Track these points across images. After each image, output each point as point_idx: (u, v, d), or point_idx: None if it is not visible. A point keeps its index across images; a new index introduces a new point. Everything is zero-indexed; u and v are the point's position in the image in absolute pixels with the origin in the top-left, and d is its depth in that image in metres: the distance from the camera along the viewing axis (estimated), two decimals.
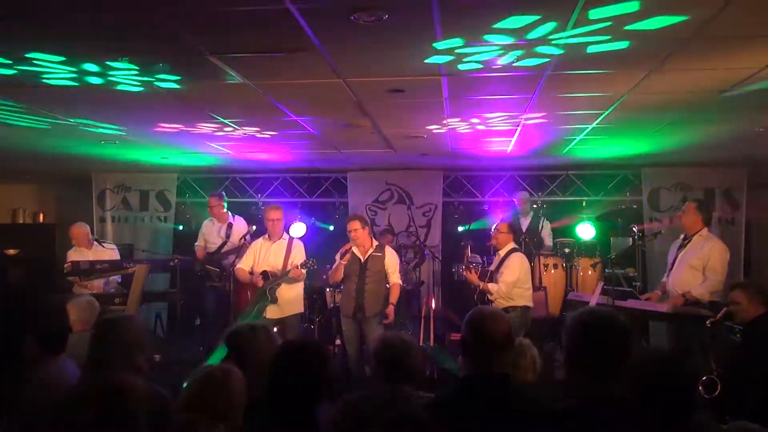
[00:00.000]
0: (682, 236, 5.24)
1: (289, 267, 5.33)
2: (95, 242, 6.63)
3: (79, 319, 3.85)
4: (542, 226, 7.27)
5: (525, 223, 7.44)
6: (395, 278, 5.32)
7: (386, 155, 7.16)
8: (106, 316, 2.64)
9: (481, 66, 3.57)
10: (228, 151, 6.91)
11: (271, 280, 5.38)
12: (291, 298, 5.40)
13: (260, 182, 8.77)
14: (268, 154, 7.19)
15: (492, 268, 5.62)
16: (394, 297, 5.23)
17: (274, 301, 5.37)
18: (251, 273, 5.49)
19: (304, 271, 5.32)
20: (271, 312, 5.36)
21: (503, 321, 2.33)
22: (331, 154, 7.07)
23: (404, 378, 2.51)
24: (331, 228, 8.39)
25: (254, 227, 6.34)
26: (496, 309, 2.57)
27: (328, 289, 6.79)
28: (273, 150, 6.84)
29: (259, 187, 8.77)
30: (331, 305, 6.73)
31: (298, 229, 7.27)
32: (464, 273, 5.55)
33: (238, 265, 5.57)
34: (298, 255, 5.40)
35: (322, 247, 5.89)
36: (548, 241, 7.29)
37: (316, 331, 6.80)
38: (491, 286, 5.39)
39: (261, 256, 5.53)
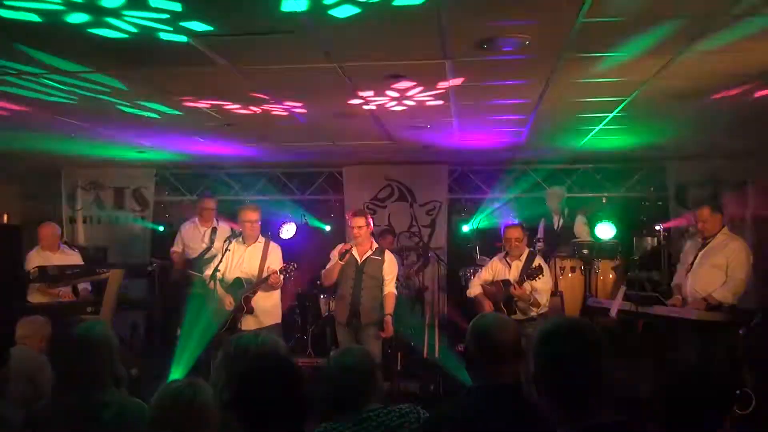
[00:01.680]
0: (699, 235, 5.31)
1: (265, 273, 5.26)
2: (63, 245, 6.61)
3: (28, 335, 3.86)
4: (576, 223, 7.25)
5: (558, 222, 7.43)
6: (391, 287, 5.34)
7: (386, 147, 7.19)
8: (80, 325, 2.63)
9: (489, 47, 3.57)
10: (207, 144, 6.94)
11: (246, 287, 5.32)
12: (268, 307, 5.38)
13: (246, 178, 8.83)
14: (253, 147, 7.25)
15: (512, 276, 5.60)
16: (389, 307, 5.25)
17: (250, 311, 5.32)
18: (223, 282, 5.41)
19: (282, 277, 5.29)
20: (248, 323, 5.32)
21: (511, 329, 2.35)
22: (324, 146, 7.10)
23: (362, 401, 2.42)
24: (327, 228, 8.46)
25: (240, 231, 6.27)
26: (501, 316, 2.57)
27: (321, 296, 6.77)
28: (259, 142, 6.89)
29: (246, 183, 8.84)
30: (326, 313, 6.73)
31: (288, 230, 7.25)
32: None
33: (206, 272, 5.46)
34: (275, 260, 5.35)
35: (316, 250, 5.85)
36: (586, 237, 7.19)
37: (310, 342, 6.81)
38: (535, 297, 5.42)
39: (233, 262, 5.44)
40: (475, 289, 5.74)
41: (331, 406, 2.38)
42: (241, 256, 5.44)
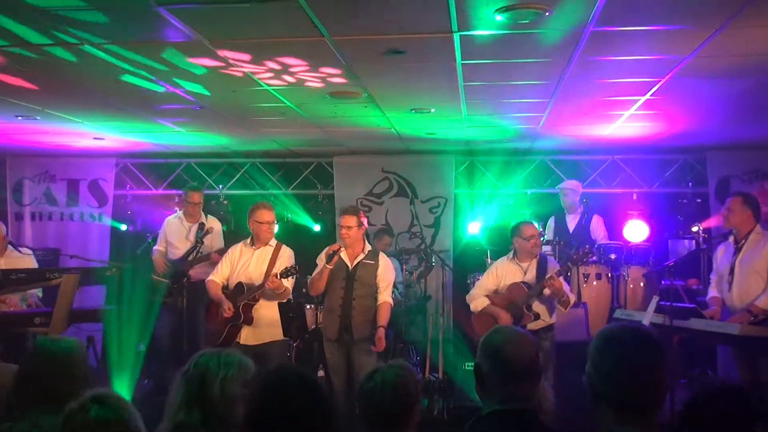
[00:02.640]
0: (731, 238, 5.30)
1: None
2: (9, 246, 6.48)
3: None
4: (593, 224, 7.34)
5: (572, 221, 7.49)
6: (386, 295, 5.33)
7: (383, 135, 7.19)
8: (39, 339, 2.66)
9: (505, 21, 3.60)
10: (178, 129, 6.95)
11: (246, 293, 5.37)
12: (272, 319, 5.39)
13: (222, 169, 8.87)
14: (226, 135, 7.22)
15: (526, 278, 5.62)
16: (383, 319, 5.24)
17: (249, 322, 5.36)
18: (226, 288, 5.48)
19: (286, 282, 5.30)
20: (246, 337, 5.37)
21: (529, 343, 2.38)
22: (312, 132, 7.11)
23: (393, 427, 2.54)
24: (316, 228, 8.44)
25: (223, 227, 6.33)
26: (517, 329, 2.58)
27: (308, 306, 6.79)
28: (233, 129, 6.90)
29: (221, 175, 8.88)
30: (313, 326, 6.77)
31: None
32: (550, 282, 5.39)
33: (210, 277, 5.61)
34: (285, 264, 5.40)
35: (302, 254, 5.84)
36: (603, 240, 7.30)
37: (293, 359, 6.79)
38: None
39: (239, 266, 5.53)
40: (480, 302, 5.65)
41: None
42: (248, 260, 5.53)
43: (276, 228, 5.61)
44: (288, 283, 5.35)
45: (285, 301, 5.48)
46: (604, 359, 2.04)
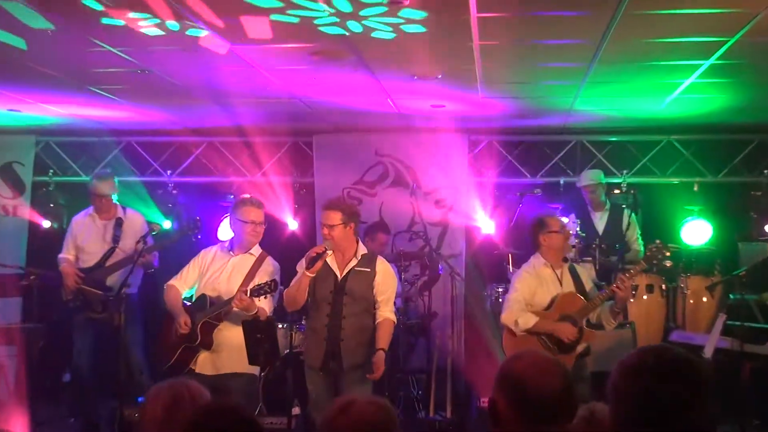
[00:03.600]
0: None
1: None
2: None
3: None
4: (628, 224, 7.34)
5: (599, 220, 7.55)
6: (387, 311, 5.30)
7: (377, 107, 7.16)
8: None
9: None
10: (114, 98, 6.95)
11: (209, 310, 5.36)
12: (237, 346, 5.27)
13: (171, 151, 8.86)
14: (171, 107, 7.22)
15: (564, 288, 5.68)
16: (383, 340, 5.20)
17: (207, 346, 5.35)
18: (189, 303, 5.49)
19: (259, 302, 5.25)
20: (203, 364, 5.38)
21: (561, 373, 2.37)
22: (285, 104, 7.06)
23: None
24: (293, 226, 8.35)
25: (160, 225, 6.28)
26: (544, 354, 2.58)
27: (280, 326, 6.66)
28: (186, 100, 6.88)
29: (170, 157, 8.84)
30: (286, 350, 6.63)
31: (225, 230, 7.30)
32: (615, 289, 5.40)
33: (170, 281, 5.60)
34: (264, 278, 5.37)
35: (275, 258, 5.82)
36: (636, 246, 7.34)
37: (260, 392, 6.64)
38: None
39: (209, 274, 5.54)
40: (527, 319, 5.57)
41: None
42: (221, 267, 5.54)
43: (262, 230, 5.58)
44: (263, 304, 5.28)
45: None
46: (622, 398, 2.07)
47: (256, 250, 5.56)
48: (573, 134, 8.41)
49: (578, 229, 7.33)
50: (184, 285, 5.55)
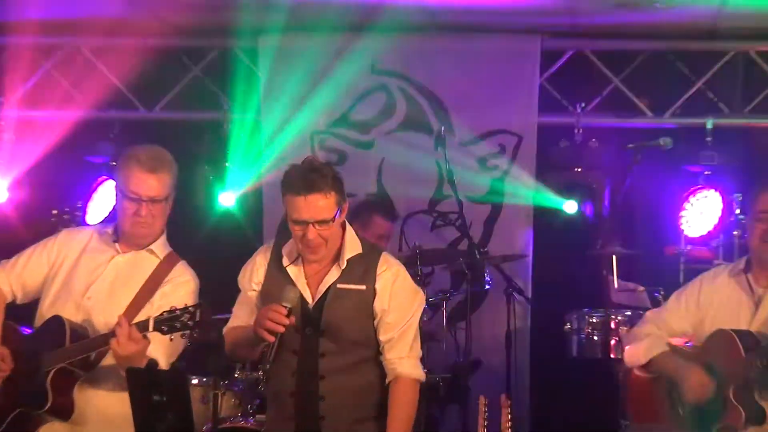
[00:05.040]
0: None
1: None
2: None
3: None
4: None
5: None
6: (404, 361, 4.26)
7: None
8: None
9: None
10: None
11: (72, 350, 4.47)
12: (116, 414, 4.47)
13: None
14: None
15: (757, 320, 4.70)
16: (399, 418, 4.20)
17: (62, 413, 4.44)
18: (27, 328, 4.82)
19: (157, 345, 4.40)
20: None
21: None
22: None
23: None
24: (226, 200, 7.25)
25: None
26: None
27: (195, 380, 6.01)
28: None
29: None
30: (208, 426, 5.96)
31: (109, 200, 6.88)
32: None
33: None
34: (173, 304, 4.36)
35: (198, 266, 4.95)
36: None
37: None
38: None
39: (72, 280, 4.62)
40: (650, 344, 4.83)
41: None
42: (94, 271, 4.62)
43: (165, 210, 4.61)
44: (160, 347, 4.31)
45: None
46: None
47: (161, 249, 4.63)
48: (731, 41, 6.99)
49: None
50: (14, 287, 4.56)
